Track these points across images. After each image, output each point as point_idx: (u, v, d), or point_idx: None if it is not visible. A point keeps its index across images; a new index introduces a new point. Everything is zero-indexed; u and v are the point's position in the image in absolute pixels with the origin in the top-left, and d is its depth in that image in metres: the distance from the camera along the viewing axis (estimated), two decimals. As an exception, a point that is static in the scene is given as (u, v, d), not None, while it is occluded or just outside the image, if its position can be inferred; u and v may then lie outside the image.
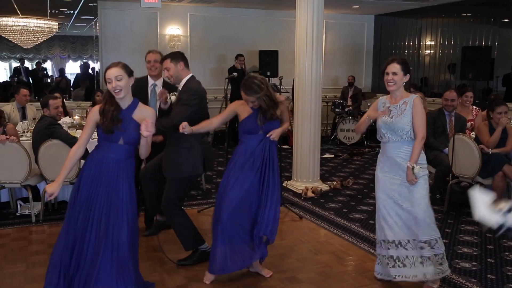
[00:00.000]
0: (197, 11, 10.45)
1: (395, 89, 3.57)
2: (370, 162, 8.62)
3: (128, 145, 3.24)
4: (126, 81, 3.17)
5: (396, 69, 3.52)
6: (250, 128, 3.74)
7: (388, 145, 3.63)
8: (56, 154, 5.10)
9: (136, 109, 3.26)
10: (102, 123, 3.16)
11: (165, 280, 3.83)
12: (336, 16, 11.56)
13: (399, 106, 3.57)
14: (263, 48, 10.50)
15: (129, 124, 3.20)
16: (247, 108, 3.75)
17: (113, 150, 3.21)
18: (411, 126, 3.52)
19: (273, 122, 3.76)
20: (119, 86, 3.13)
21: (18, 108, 6.84)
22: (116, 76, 3.12)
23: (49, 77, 10.63)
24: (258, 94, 3.64)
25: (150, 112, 3.34)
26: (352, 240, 4.76)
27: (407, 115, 3.52)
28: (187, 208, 5.74)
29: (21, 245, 4.59)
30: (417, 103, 3.54)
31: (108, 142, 3.21)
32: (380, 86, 11.71)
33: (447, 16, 10.48)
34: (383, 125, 3.61)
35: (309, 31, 6.32)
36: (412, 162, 3.48)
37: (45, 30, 9.03)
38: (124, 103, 3.23)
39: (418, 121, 3.50)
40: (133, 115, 3.23)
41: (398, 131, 3.53)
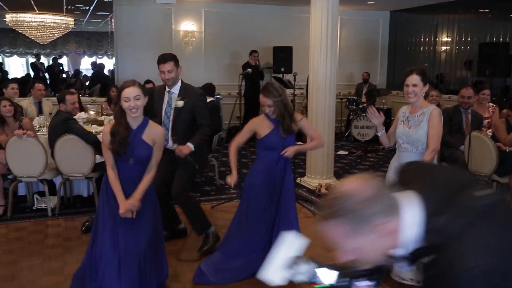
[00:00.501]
0: (211, 7, 10.45)
1: (415, 100, 3.55)
2: (384, 159, 8.57)
3: (138, 164, 3.25)
4: (143, 100, 3.17)
5: (416, 81, 3.50)
6: (273, 143, 3.73)
7: (404, 154, 3.59)
8: (71, 148, 5.16)
9: (146, 129, 3.25)
10: (111, 146, 3.16)
11: (179, 275, 3.86)
12: (351, 12, 11.47)
13: (417, 116, 3.55)
14: (277, 44, 10.47)
15: (138, 145, 3.20)
16: (267, 123, 3.74)
17: (125, 170, 3.24)
18: (426, 138, 3.50)
19: (291, 138, 3.77)
20: (137, 106, 3.12)
21: (35, 103, 6.91)
22: (134, 96, 3.10)
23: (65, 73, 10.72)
24: (275, 98, 3.64)
25: (160, 132, 3.33)
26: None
27: (423, 126, 3.50)
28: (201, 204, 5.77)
29: (37, 239, 4.65)
30: (435, 115, 3.50)
31: (120, 162, 3.23)
32: (395, 82, 11.63)
33: (464, 12, 10.35)
34: (401, 135, 3.60)
35: (324, 27, 6.29)
36: None
37: (61, 26, 9.11)
38: (135, 123, 3.21)
39: (432, 132, 3.48)
40: (142, 136, 3.22)
41: (415, 142, 3.52)
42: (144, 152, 3.22)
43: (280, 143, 3.72)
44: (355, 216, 1.28)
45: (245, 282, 3.72)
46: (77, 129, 5.22)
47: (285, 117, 3.69)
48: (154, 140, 3.25)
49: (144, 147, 3.21)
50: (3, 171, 5.32)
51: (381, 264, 1.42)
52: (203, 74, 9.86)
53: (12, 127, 5.40)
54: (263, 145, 3.78)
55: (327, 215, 1.33)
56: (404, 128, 3.57)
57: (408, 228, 1.31)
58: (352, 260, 1.36)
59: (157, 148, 3.28)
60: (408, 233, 1.31)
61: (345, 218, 1.30)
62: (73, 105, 5.39)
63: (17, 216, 5.28)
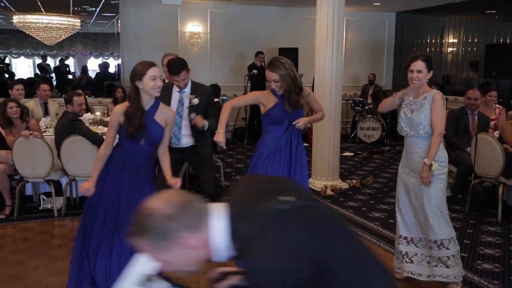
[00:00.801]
0: (217, 8, 10.46)
1: (419, 86, 3.53)
2: (390, 160, 8.54)
3: (149, 145, 3.27)
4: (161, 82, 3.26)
5: (421, 67, 3.48)
6: (277, 118, 3.65)
7: (407, 140, 3.63)
8: (78, 149, 5.17)
9: (158, 110, 3.27)
10: (127, 127, 3.16)
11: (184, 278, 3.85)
12: (357, 14, 11.45)
13: (419, 101, 3.54)
14: (283, 46, 10.46)
15: (151, 126, 3.21)
16: (272, 97, 3.67)
17: (134, 150, 3.25)
18: (428, 122, 3.47)
19: (298, 111, 3.68)
20: (160, 86, 3.18)
21: (41, 104, 6.94)
22: (160, 76, 3.18)
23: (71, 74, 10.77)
24: (282, 71, 3.56)
25: (171, 113, 3.41)
26: (371, 239, 4.73)
27: (425, 110, 3.48)
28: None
29: (43, 239, 4.66)
30: (437, 98, 3.48)
31: (130, 142, 3.23)
32: (401, 84, 11.58)
33: (471, 13, 10.29)
34: (403, 118, 3.59)
35: (330, 29, 6.28)
36: (430, 159, 3.43)
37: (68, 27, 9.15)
38: (148, 104, 3.23)
39: (436, 116, 3.45)
40: (155, 116, 3.24)
41: (415, 126, 3.51)
42: (157, 133, 3.24)
43: (285, 116, 3.65)
44: (157, 232, 1.37)
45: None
46: (84, 130, 5.23)
47: (292, 92, 3.60)
48: (166, 121, 3.29)
49: (157, 128, 3.24)
50: (10, 171, 5.34)
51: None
52: (209, 75, 9.87)
53: (19, 128, 5.42)
54: (268, 119, 3.70)
55: (131, 233, 1.41)
56: (407, 112, 3.57)
57: (216, 237, 1.39)
58: (173, 270, 1.47)
59: (169, 129, 3.35)
60: (217, 242, 1.40)
61: (148, 235, 1.38)
62: (80, 106, 5.41)
63: (24, 216, 5.30)
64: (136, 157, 3.26)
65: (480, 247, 4.53)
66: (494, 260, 4.24)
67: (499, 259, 4.26)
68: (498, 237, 4.80)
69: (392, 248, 4.41)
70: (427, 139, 3.50)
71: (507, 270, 4.03)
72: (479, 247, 4.53)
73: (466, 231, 4.93)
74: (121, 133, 3.27)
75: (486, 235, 4.86)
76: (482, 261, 4.21)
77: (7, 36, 9.58)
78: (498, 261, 4.23)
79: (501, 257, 4.31)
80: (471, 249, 4.45)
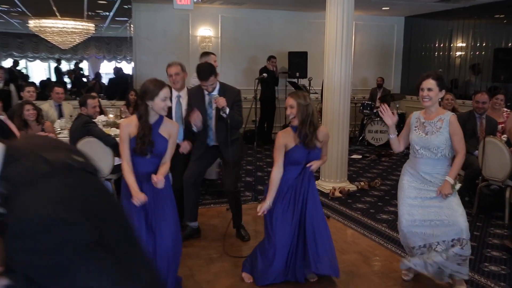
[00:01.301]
0: (228, 12, 10.52)
1: (430, 105, 3.51)
2: (398, 163, 8.53)
3: (155, 158, 3.35)
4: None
5: (432, 85, 3.47)
6: (296, 159, 3.64)
7: (422, 161, 3.55)
8: (92, 150, 5.22)
9: (162, 124, 3.36)
10: (139, 148, 3.24)
11: (194, 275, 3.89)
12: (366, 18, 11.45)
13: (434, 123, 3.50)
14: (293, 49, 10.49)
15: (156, 139, 3.30)
16: (295, 138, 3.65)
17: (142, 164, 3.32)
18: (446, 145, 3.46)
19: (317, 153, 3.66)
20: (168, 106, 3.34)
21: (55, 106, 7.03)
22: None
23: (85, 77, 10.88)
24: (300, 100, 3.58)
25: (174, 126, 3.47)
26: (379, 241, 4.74)
27: (443, 133, 3.46)
28: (217, 206, 5.82)
29: (58, 238, 4.72)
30: (454, 121, 3.48)
31: (137, 157, 3.31)
32: (409, 87, 11.56)
33: (479, 17, 10.24)
34: (417, 141, 3.53)
35: (339, 33, 6.30)
36: (452, 178, 3.45)
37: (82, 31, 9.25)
38: (153, 119, 3.30)
39: (457, 139, 3.46)
40: (159, 130, 3.33)
41: (433, 148, 3.47)
42: (162, 145, 3.33)
43: (304, 157, 3.64)
44: None
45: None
46: (97, 132, 5.30)
47: (304, 124, 3.58)
48: (169, 133, 3.38)
49: (161, 141, 3.33)
50: (26, 172, 5.41)
51: None
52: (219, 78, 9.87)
53: (35, 130, 5.49)
54: (286, 159, 3.66)
55: None
56: (421, 134, 3.52)
57: None
58: None
59: (172, 142, 3.41)
60: None
61: None
62: (94, 108, 5.47)
63: (39, 215, 5.36)
64: (145, 171, 3.32)
65: (487, 249, 4.52)
66: (500, 262, 4.23)
67: (506, 262, 4.25)
68: (505, 239, 4.78)
69: (399, 249, 4.42)
70: (443, 161, 3.51)
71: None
72: (486, 249, 4.52)
73: (473, 234, 4.92)
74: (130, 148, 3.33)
75: (493, 237, 4.85)
76: (489, 263, 4.20)
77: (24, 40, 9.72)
78: (505, 263, 4.21)
79: (507, 260, 4.29)
80: (478, 251, 4.44)
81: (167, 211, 3.34)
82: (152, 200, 3.30)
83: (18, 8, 8.82)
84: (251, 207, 5.46)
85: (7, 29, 9.41)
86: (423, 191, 3.57)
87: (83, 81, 10.54)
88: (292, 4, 9.85)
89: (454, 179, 3.46)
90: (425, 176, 3.54)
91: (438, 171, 3.51)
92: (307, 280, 3.76)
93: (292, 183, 3.65)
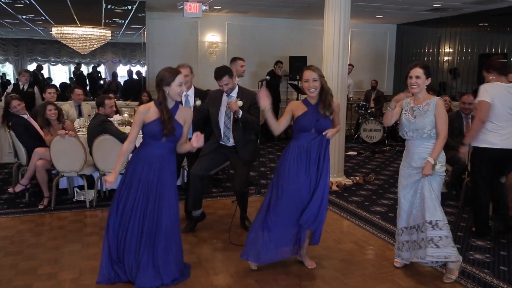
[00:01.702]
0: (233, 20, 10.49)
1: (418, 91, 3.53)
2: (390, 159, 8.49)
3: (170, 142, 3.34)
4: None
5: (419, 73, 3.49)
6: (304, 125, 3.57)
7: (410, 143, 3.61)
8: (108, 147, 5.22)
9: (178, 111, 3.36)
10: (166, 131, 3.23)
11: (202, 263, 3.88)
12: (361, 25, 11.40)
13: (422, 107, 3.52)
14: (293, 54, 10.46)
15: (174, 125, 3.29)
16: (302, 106, 3.62)
17: (157, 146, 3.31)
18: (432, 126, 3.47)
19: (326, 121, 3.59)
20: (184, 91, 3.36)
21: (75, 106, 7.02)
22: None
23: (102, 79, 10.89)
24: (320, 72, 3.56)
25: (189, 113, 3.48)
26: (373, 231, 4.71)
27: (429, 115, 3.47)
28: (223, 199, 5.80)
29: (77, 227, 4.72)
30: (440, 105, 3.49)
31: (153, 139, 3.30)
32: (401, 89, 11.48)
33: (465, 25, 10.20)
34: (406, 123, 3.57)
35: (336, 39, 6.26)
36: (433, 158, 3.44)
37: (100, 37, 9.23)
38: (170, 105, 3.31)
39: (440, 122, 3.46)
40: (176, 116, 3.32)
41: (420, 129, 3.50)
42: (177, 131, 3.31)
43: (313, 124, 3.55)
44: None
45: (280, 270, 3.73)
46: (113, 130, 5.29)
47: (327, 93, 3.56)
48: (185, 119, 3.38)
49: (177, 126, 3.31)
50: (48, 166, 5.42)
51: None
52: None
53: (57, 129, 5.49)
54: (295, 126, 3.63)
55: None
56: (409, 117, 3.55)
57: None
58: None
59: (187, 127, 3.42)
60: None
61: None
62: (111, 108, 5.47)
63: (60, 207, 5.37)
64: (159, 153, 3.32)
65: (473, 239, 4.49)
66: (485, 251, 4.19)
67: (490, 250, 4.21)
68: (489, 230, 4.75)
69: (392, 239, 4.39)
70: (429, 140, 3.51)
71: (496, 260, 3.99)
72: (471, 239, 4.49)
73: (460, 224, 4.89)
74: (145, 132, 3.31)
75: (478, 228, 4.81)
76: (474, 252, 4.17)
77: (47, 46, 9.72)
78: (489, 251, 4.18)
79: (491, 248, 4.26)
80: (464, 241, 4.41)
81: (168, 192, 3.33)
82: (157, 180, 3.29)
83: (42, 17, 8.82)
84: (254, 199, 5.44)
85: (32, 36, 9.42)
86: (412, 177, 3.59)
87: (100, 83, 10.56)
88: (293, 12, 9.82)
89: (434, 159, 3.43)
90: (415, 155, 3.54)
91: (425, 149, 3.50)
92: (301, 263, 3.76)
93: (304, 148, 3.55)
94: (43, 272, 3.63)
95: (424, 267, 3.76)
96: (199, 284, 3.46)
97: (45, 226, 4.75)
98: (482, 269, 3.79)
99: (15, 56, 9.37)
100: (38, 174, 5.37)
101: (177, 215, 3.42)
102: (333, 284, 3.53)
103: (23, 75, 7.84)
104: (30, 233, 4.54)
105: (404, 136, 3.65)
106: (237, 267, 3.77)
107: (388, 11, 9.61)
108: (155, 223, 3.29)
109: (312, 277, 3.63)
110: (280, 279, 3.58)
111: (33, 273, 3.62)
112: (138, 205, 3.30)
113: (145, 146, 3.36)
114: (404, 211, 3.68)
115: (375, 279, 3.62)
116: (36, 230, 4.62)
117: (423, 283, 3.54)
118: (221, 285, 3.47)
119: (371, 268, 3.83)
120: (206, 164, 4.41)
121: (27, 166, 5.53)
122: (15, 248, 4.12)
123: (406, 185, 3.64)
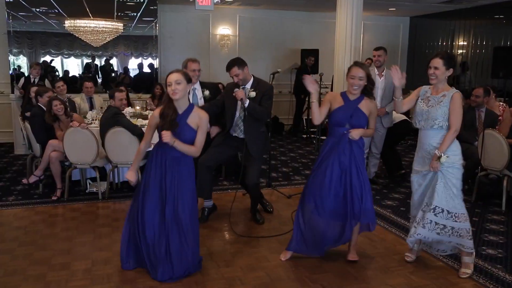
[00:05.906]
0: (245, 13, 10.44)
1: (436, 82, 3.46)
2: (402, 153, 8.40)
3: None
4: (184, 86, 3.24)
5: (438, 64, 3.42)
6: (339, 119, 3.55)
7: (421, 132, 3.55)
8: (120, 139, 5.25)
9: (191, 113, 3.31)
10: (162, 126, 3.23)
11: (212, 255, 3.89)
12: (374, 18, 11.28)
13: (437, 97, 3.45)
14: (305, 47, 10.38)
15: (183, 128, 3.27)
16: (339, 99, 3.61)
17: (170, 148, 3.29)
18: (443, 118, 3.39)
19: (361, 119, 3.56)
20: (177, 90, 3.19)
21: (86, 99, 7.06)
22: (175, 80, 3.20)
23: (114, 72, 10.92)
24: (369, 73, 3.56)
25: (204, 117, 3.35)
26: (384, 225, 4.68)
27: (443, 106, 3.39)
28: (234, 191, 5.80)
29: (89, 219, 4.76)
30: (456, 97, 3.39)
31: (164, 142, 3.28)
32: (414, 83, 11.35)
33: (480, 17, 10.03)
34: (419, 112, 3.51)
35: (348, 32, 6.21)
36: (440, 151, 3.37)
37: (112, 30, 9.25)
38: (181, 108, 3.28)
39: (454, 114, 3.38)
40: (187, 120, 3.29)
41: (431, 120, 3.42)
42: (188, 135, 3.27)
43: (347, 120, 3.53)
44: None
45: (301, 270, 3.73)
46: (125, 123, 5.30)
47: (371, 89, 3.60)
48: (198, 124, 3.31)
49: (189, 130, 3.27)
50: (61, 158, 5.46)
51: None
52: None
53: (66, 123, 5.50)
54: (331, 120, 3.62)
55: None
56: (423, 106, 3.48)
57: None
58: None
59: (201, 132, 3.33)
60: None
61: None
62: (121, 101, 5.46)
63: (73, 198, 5.42)
64: (173, 156, 3.31)
65: (485, 234, 4.44)
66: (497, 246, 4.14)
67: (502, 245, 4.17)
68: (501, 225, 4.70)
69: (403, 233, 4.36)
70: (439, 132, 3.43)
71: (509, 255, 3.94)
72: (484, 234, 4.44)
73: (472, 219, 4.81)
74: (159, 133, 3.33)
75: (491, 223, 4.76)
76: (487, 247, 4.12)
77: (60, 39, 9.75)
78: (501, 247, 4.13)
79: (504, 244, 4.21)
80: (477, 236, 4.36)
81: (184, 189, 3.34)
82: (171, 179, 3.31)
83: (55, 10, 8.87)
84: (265, 192, 5.43)
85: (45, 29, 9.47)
86: (423, 165, 3.55)
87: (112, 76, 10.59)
88: (304, 5, 9.73)
89: (441, 152, 3.36)
90: (426, 146, 3.49)
91: (435, 140, 3.44)
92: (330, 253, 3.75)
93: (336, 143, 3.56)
94: (56, 262, 3.68)
95: (436, 261, 3.72)
96: (209, 276, 3.47)
97: (58, 217, 4.80)
98: (495, 264, 3.75)
99: (29, 49, 9.43)
100: (52, 165, 5.41)
101: (194, 210, 3.43)
102: (343, 277, 3.52)
103: (34, 68, 7.89)
104: (44, 223, 4.59)
105: (416, 125, 3.57)
106: (248, 260, 3.78)
107: (401, 3, 9.49)
108: (172, 219, 3.31)
109: (323, 270, 3.62)
110: (290, 272, 3.58)
111: (46, 263, 3.67)
112: (157, 200, 3.35)
113: (159, 147, 3.38)
114: (415, 199, 3.65)
115: (385, 272, 3.60)
116: (49, 221, 4.67)
117: (435, 278, 3.51)
118: (231, 277, 3.48)
119: (382, 261, 3.81)
120: (215, 155, 4.42)
121: (41, 157, 5.58)
122: (29, 238, 4.17)
123: (419, 172, 3.58)
